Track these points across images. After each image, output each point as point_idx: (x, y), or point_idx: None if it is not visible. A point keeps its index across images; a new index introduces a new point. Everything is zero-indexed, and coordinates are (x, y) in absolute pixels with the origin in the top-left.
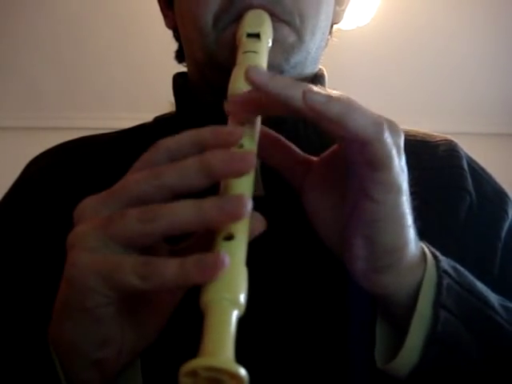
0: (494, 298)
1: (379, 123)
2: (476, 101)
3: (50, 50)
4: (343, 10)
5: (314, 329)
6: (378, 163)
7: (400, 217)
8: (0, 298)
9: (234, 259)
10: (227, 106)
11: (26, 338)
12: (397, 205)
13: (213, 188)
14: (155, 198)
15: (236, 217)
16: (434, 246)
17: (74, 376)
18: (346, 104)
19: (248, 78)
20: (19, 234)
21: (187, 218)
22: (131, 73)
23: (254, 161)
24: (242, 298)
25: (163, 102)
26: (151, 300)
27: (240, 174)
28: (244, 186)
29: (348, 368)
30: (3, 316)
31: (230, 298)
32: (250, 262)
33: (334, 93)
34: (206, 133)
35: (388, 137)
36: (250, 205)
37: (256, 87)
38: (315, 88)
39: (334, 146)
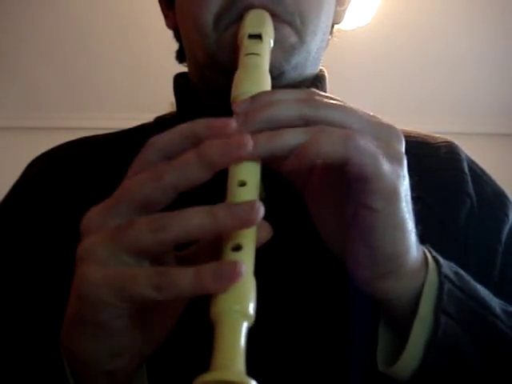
0: (495, 303)
1: (350, 139)
2: (475, 101)
3: (50, 50)
4: (344, 11)
5: (318, 334)
6: (366, 178)
7: (400, 223)
8: (0, 299)
9: None
10: (235, 108)
11: (34, 344)
12: (395, 212)
13: (216, 178)
14: (160, 200)
15: (249, 223)
16: (434, 249)
17: None
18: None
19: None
20: (20, 236)
21: (199, 226)
22: (131, 73)
23: (251, 145)
24: (252, 308)
25: (163, 102)
26: (159, 306)
27: (239, 159)
28: (250, 190)
29: (350, 372)
30: (4, 318)
31: (240, 309)
32: (255, 269)
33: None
34: (199, 128)
35: (364, 147)
36: (262, 210)
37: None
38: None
39: None
